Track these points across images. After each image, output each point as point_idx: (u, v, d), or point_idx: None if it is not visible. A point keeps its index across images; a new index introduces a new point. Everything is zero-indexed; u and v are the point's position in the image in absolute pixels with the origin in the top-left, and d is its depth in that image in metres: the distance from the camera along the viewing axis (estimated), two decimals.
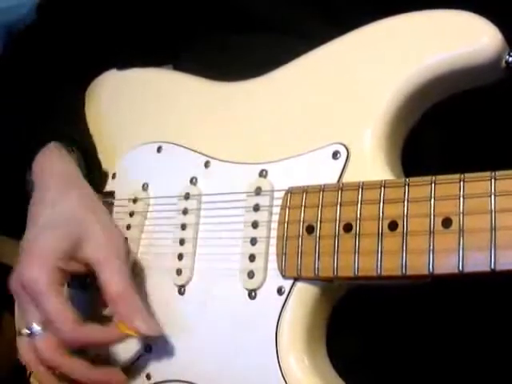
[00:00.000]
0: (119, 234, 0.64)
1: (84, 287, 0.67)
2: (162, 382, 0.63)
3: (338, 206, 0.54)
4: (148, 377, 0.64)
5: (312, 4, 0.66)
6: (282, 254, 0.56)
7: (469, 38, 0.53)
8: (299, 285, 0.56)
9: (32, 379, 0.74)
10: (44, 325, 0.60)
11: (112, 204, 0.72)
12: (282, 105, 0.61)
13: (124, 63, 0.77)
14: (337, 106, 0.57)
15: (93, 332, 0.60)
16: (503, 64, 0.53)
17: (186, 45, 0.76)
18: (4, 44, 0.95)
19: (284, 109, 0.61)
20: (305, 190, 0.56)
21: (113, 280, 0.60)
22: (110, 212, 0.70)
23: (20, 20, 0.96)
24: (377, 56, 0.57)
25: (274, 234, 0.57)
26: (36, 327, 0.60)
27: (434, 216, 0.49)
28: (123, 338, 0.61)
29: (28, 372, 0.74)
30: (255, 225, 0.59)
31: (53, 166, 0.68)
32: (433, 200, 0.50)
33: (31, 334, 0.61)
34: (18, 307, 0.70)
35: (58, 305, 0.59)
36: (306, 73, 0.61)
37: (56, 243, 0.61)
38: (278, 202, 0.58)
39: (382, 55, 0.57)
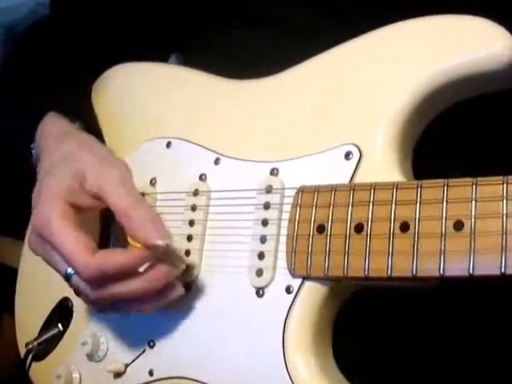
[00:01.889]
0: (118, 160, 0.64)
1: None
2: (165, 378, 0.63)
3: (350, 206, 0.54)
4: (151, 373, 0.64)
5: (313, 3, 0.67)
6: (291, 253, 0.56)
7: (482, 44, 0.53)
8: (308, 284, 0.56)
9: (32, 379, 0.73)
10: None
11: None
12: (295, 103, 0.61)
13: (127, 59, 0.77)
14: (351, 107, 0.58)
15: (108, 257, 0.57)
16: None
17: (187, 41, 0.76)
18: (4, 44, 0.95)
19: (296, 107, 0.61)
20: (316, 190, 0.56)
21: (116, 198, 0.58)
22: None
23: (20, 20, 0.96)
24: (391, 58, 0.57)
25: (284, 232, 0.57)
26: (70, 269, 0.58)
27: (445, 218, 0.50)
28: (140, 255, 0.56)
29: (27, 364, 0.73)
30: (265, 223, 0.59)
31: (52, 128, 0.69)
32: (445, 203, 0.50)
33: (70, 278, 0.58)
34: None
35: (69, 237, 0.57)
36: (320, 72, 0.61)
37: (59, 182, 0.61)
38: (289, 201, 0.58)
39: (397, 58, 0.57)
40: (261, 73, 0.65)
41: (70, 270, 0.58)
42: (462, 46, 0.54)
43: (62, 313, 0.73)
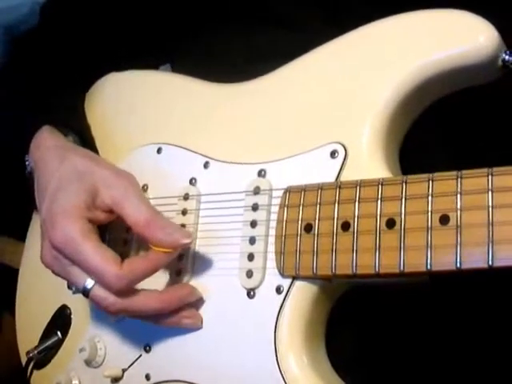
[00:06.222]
0: (127, 173, 0.65)
1: None
2: (161, 382, 0.63)
3: (336, 204, 0.54)
4: (147, 377, 0.64)
5: (313, 3, 0.67)
6: (280, 253, 0.56)
7: (465, 37, 0.53)
8: (298, 284, 0.56)
9: (32, 380, 0.74)
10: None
11: None
12: (280, 105, 0.61)
13: (123, 65, 0.78)
14: (335, 106, 0.58)
15: (135, 266, 0.58)
16: (499, 63, 0.53)
17: (184, 43, 0.76)
18: (4, 44, 0.96)
19: (282, 109, 0.61)
20: (303, 189, 0.56)
21: (135, 210, 0.60)
22: None
23: (20, 20, 0.97)
24: (374, 55, 0.57)
25: (272, 232, 0.58)
26: (89, 282, 0.59)
27: (431, 213, 0.49)
28: (165, 259, 0.59)
29: (28, 373, 0.74)
30: (254, 224, 0.59)
31: (47, 141, 0.69)
32: (430, 197, 0.50)
33: (89, 292, 0.59)
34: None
35: (96, 252, 0.58)
36: (303, 73, 0.61)
37: (74, 198, 0.61)
38: (277, 201, 0.58)
39: (379, 54, 0.57)
40: (259, 74, 0.65)
41: (91, 281, 0.59)
42: (446, 39, 0.54)
43: (60, 320, 0.74)
